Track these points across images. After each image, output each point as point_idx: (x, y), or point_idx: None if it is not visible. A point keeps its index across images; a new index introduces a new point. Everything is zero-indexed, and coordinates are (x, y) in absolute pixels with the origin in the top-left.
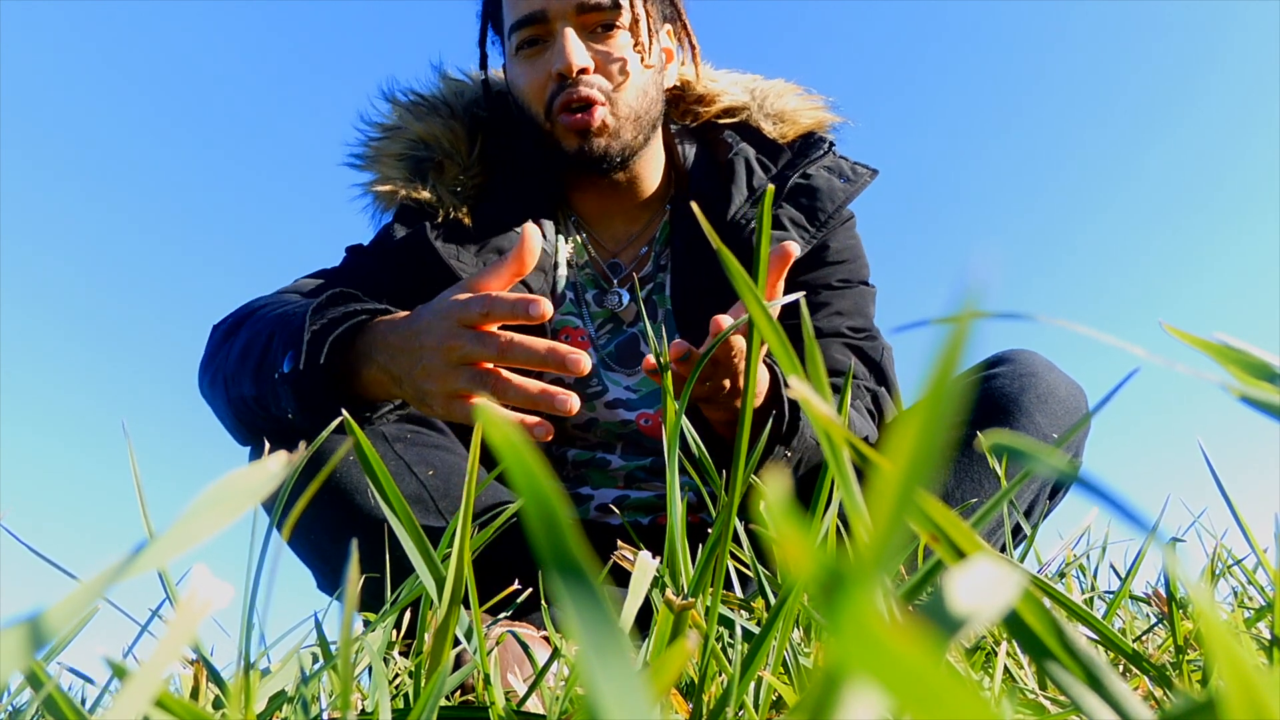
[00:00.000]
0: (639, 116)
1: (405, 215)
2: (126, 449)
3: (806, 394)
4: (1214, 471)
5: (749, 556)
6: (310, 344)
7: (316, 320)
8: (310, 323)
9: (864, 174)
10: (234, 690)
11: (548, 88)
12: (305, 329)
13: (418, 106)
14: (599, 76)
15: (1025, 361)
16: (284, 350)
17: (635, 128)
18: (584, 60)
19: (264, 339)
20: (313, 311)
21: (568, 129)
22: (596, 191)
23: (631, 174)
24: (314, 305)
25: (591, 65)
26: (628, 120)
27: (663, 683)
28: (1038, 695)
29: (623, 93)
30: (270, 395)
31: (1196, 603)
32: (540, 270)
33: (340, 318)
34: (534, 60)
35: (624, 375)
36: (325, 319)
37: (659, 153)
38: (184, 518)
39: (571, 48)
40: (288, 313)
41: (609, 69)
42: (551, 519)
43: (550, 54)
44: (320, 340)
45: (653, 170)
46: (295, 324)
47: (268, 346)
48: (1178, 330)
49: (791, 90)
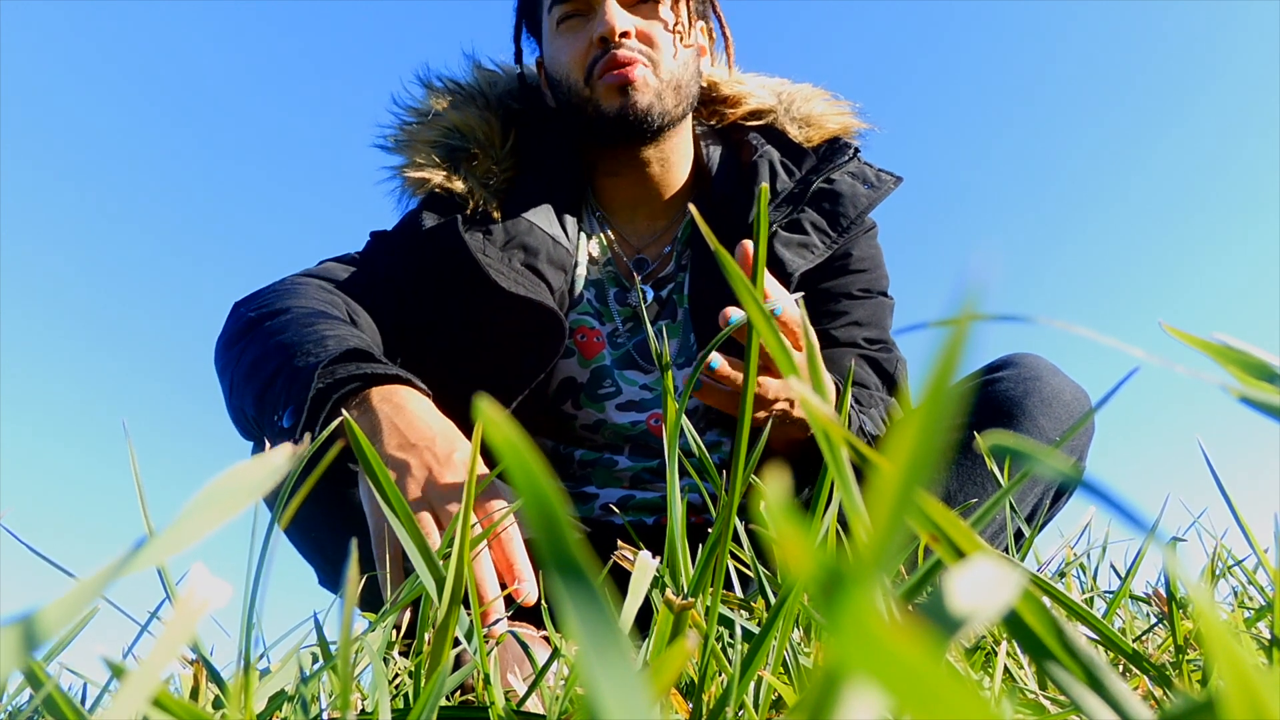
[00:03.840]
0: (680, 85)
1: (434, 203)
2: (127, 448)
3: (806, 394)
4: (1214, 471)
5: (749, 556)
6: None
7: (325, 378)
8: (318, 380)
9: (888, 180)
10: (234, 690)
11: (590, 55)
12: (312, 387)
13: (454, 95)
14: (640, 43)
15: (1029, 365)
16: (285, 400)
17: (676, 96)
18: (626, 24)
19: (271, 368)
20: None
21: (609, 88)
22: (625, 180)
23: (661, 157)
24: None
25: (633, 31)
26: (669, 85)
27: (663, 683)
28: (1038, 695)
29: (664, 60)
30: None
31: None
32: (560, 269)
33: (347, 378)
34: (576, 32)
35: (641, 374)
36: (333, 378)
37: (689, 146)
38: (184, 514)
39: (614, 13)
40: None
41: (651, 37)
42: (552, 519)
43: (592, 25)
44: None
45: (682, 162)
46: (303, 375)
47: (271, 381)
48: (1177, 330)
49: (819, 95)
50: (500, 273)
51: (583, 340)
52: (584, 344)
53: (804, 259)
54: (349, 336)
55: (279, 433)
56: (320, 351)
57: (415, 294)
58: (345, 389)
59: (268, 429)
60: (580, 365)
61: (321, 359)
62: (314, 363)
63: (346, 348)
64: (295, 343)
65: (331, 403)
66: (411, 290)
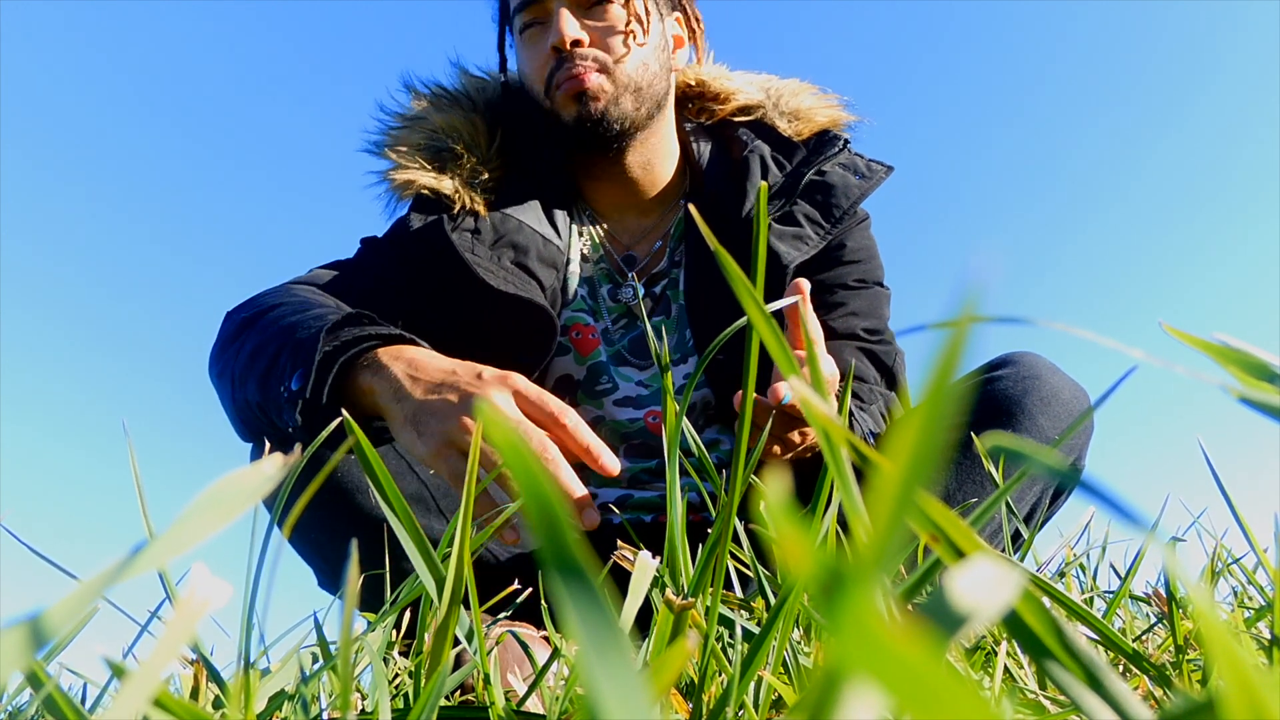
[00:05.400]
0: (639, 88)
1: (422, 205)
2: (127, 449)
3: (806, 393)
4: (1214, 471)
5: (749, 556)
6: (320, 365)
7: (330, 341)
8: (323, 343)
9: (879, 170)
10: (234, 690)
11: (548, 65)
12: (318, 349)
13: (439, 98)
14: (594, 50)
15: (1029, 364)
16: (292, 367)
17: (635, 99)
18: (576, 33)
19: (273, 349)
20: (327, 331)
21: (565, 96)
22: (609, 183)
23: (641, 161)
24: (328, 325)
25: (586, 39)
26: (626, 89)
27: (663, 683)
28: (1038, 695)
29: (621, 64)
30: (274, 406)
31: (1196, 602)
32: (551, 267)
33: (353, 340)
34: (535, 41)
35: (636, 370)
36: (339, 340)
37: (671, 144)
38: (183, 518)
39: (564, 22)
40: (301, 323)
41: (606, 42)
42: (551, 519)
43: (549, 33)
44: (330, 361)
45: (665, 162)
46: (307, 342)
47: (276, 358)
48: (1177, 331)
49: (806, 89)
50: (489, 271)
51: (578, 337)
52: (579, 341)
53: (799, 251)
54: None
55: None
56: (321, 322)
57: (407, 297)
58: (352, 350)
59: (273, 407)
60: (577, 362)
61: (325, 324)
62: (317, 329)
63: (347, 313)
64: (295, 323)
65: (339, 365)
66: (403, 293)
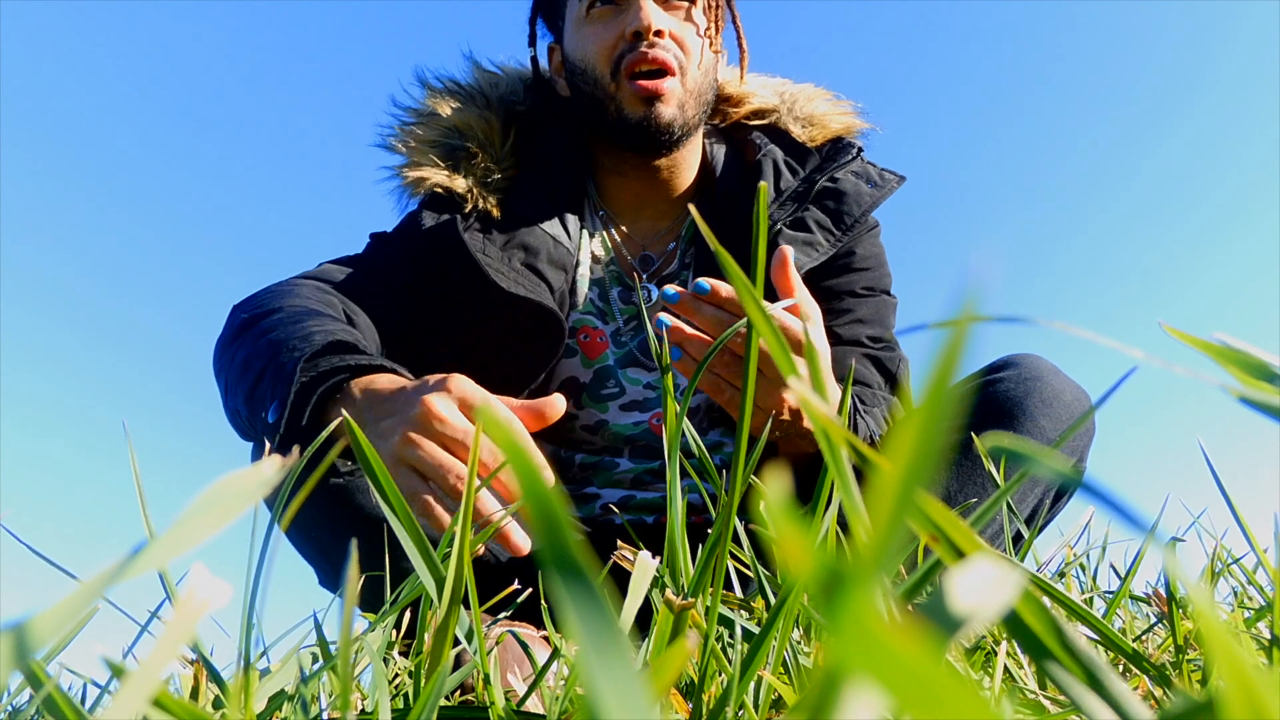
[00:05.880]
0: (701, 94)
1: (434, 203)
2: (127, 449)
3: (806, 395)
4: (1214, 471)
5: (749, 556)
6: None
7: (307, 372)
8: (300, 374)
9: (891, 180)
10: (233, 690)
11: (618, 47)
12: (295, 382)
13: (454, 95)
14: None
15: (1030, 365)
16: (271, 396)
17: (696, 105)
18: (662, 22)
19: (259, 366)
20: (306, 360)
21: (635, 95)
22: (634, 180)
23: (674, 162)
24: (306, 355)
25: (667, 31)
26: (692, 96)
27: (663, 683)
28: (1038, 695)
29: (692, 68)
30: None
31: (1196, 602)
32: (561, 269)
33: (330, 371)
34: (605, 21)
35: (645, 372)
36: (316, 371)
37: (698, 147)
38: (183, 518)
39: (650, 8)
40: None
41: (683, 41)
42: (552, 519)
43: (624, 17)
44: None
45: (690, 164)
46: (288, 368)
47: (259, 380)
48: (1177, 331)
49: (821, 95)
50: (500, 272)
51: (585, 340)
52: (587, 344)
53: (809, 257)
54: (336, 331)
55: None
56: (305, 346)
57: (415, 294)
58: (329, 382)
59: (259, 427)
60: (583, 365)
61: (305, 353)
62: (297, 357)
63: (330, 340)
64: (282, 340)
65: (316, 396)
66: (411, 291)
